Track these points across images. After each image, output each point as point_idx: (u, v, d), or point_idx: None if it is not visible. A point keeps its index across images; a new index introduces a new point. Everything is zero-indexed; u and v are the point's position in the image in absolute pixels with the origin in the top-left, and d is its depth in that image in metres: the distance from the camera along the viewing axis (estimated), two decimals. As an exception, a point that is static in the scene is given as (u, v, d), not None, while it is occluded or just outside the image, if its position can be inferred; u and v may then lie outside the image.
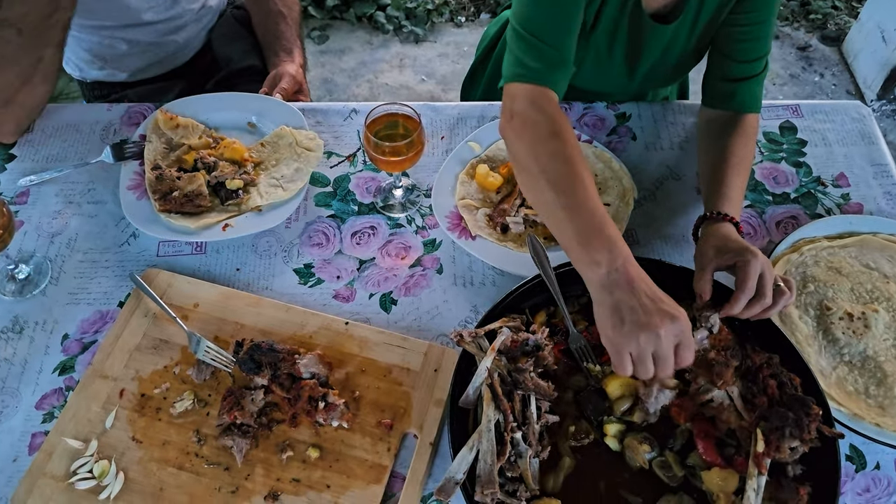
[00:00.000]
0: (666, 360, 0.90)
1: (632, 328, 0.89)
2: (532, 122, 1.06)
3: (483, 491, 0.91)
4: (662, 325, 0.88)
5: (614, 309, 0.91)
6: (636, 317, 0.89)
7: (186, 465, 1.03)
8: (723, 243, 1.07)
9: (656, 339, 0.89)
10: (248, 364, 1.07)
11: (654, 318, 0.88)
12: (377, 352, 1.13)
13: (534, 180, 1.04)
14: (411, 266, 1.26)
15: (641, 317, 0.89)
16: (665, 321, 0.89)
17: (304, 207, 1.33)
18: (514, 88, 1.11)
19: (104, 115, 1.47)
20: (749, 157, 1.23)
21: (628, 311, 0.90)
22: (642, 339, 0.89)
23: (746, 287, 1.00)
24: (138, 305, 1.19)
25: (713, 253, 1.06)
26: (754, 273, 1.00)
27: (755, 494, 0.91)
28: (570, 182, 0.99)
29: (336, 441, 1.05)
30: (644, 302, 0.90)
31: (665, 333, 0.89)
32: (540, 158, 1.02)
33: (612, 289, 0.92)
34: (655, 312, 0.89)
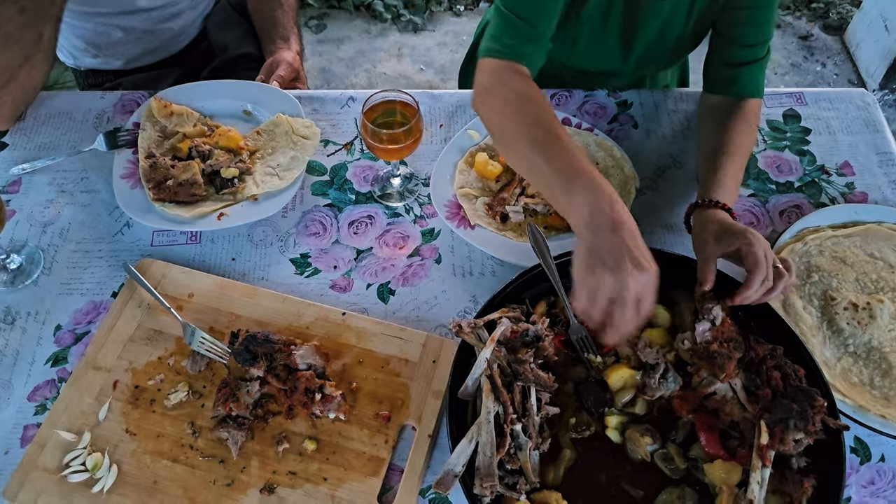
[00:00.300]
0: (624, 306, 0.88)
1: (601, 269, 0.88)
2: (499, 93, 1.09)
3: (482, 484, 0.89)
4: (631, 273, 0.87)
5: (591, 249, 0.90)
6: (609, 259, 0.88)
7: (181, 458, 1.02)
8: (721, 229, 1.05)
9: (621, 286, 0.87)
10: (244, 355, 1.06)
11: (624, 265, 0.87)
12: (375, 343, 1.11)
13: (510, 143, 1.07)
14: (409, 256, 1.24)
15: (613, 260, 0.87)
16: (635, 271, 0.87)
17: (301, 196, 1.31)
18: (484, 63, 1.14)
19: (97, 102, 1.45)
20: (748, 143, 1.21)
21: (604, 253, 0.88)
22: (607, 280, 0.87)
23: (759, 268, 0.98)
24: (132, 296, 1.17)
25: (713, 240, 1.05)
26: (762, 254, 0.99)
27: (759, 487, 0.89)
28: (544, 137, 1.01)
29: (333, 433, 1.03)
30: (620, 247, 0.88)
31: (632, 282, 0.87)
32: (511, 122, 1.05)
33: (595, 230, 0.90)
34: (628, 260, 0.87)
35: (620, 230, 0.89)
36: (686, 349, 1.01)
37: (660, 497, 0.97)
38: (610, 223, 0.89)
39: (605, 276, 0.87)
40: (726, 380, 0.97)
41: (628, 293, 0.87)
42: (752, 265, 0.99)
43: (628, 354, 1.06)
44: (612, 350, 1.07)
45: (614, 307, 0.89)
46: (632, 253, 0.88)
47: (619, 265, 0.87)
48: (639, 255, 0.88)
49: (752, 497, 0.89)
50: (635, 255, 0.88)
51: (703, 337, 1.00)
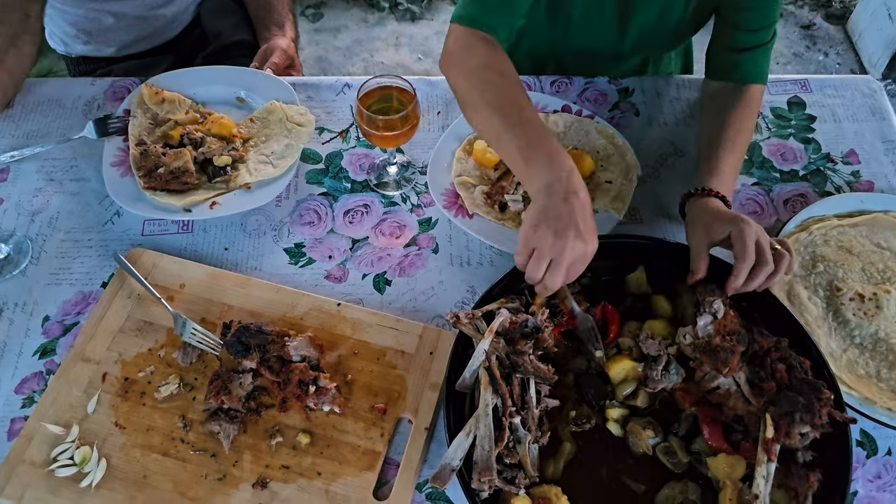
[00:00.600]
0: (558, 267, 0.92)
1: (546, 230, 0.92)
2: (465, 60, 1.10)
3: (480, 478, 0.87)
4: (573, 241, 0.91)
5: (542, 210, 0.93)
6: (556, 224, 0.92)
7: (171, 452, 0.99)
8: (711, 218, 1.03)
9: (560, 249, 0.91)
10: (236, 346, 1.03)
11: (569, 232, 0.91)
12: (370, 334, 1.09)
13: (473, 108, 1.07)
14: (406, 245, 1.21)
15: (559, 225, 0.91)
16: (577, 240, 0.91)
17: (295, 185, 1.28)
18: (454, 28, 1.14)
19: (87, 89, 1.42)
20: (747, 131, 1.18)
21: (552, 217, 0.92)
22: (549, 242, 0.92)
23: (746, 255, 0.97)
24: (122, 286, 1.14)
25: (703, 229, 1.03)
26: (750, 239, 0.97)
27: (764, 482, 0.87)
28: (507, 104, 1.02)
29: (327, 426, 1.01)
30: (570, 215, 0.92)
31: (570, 247, 0.91)
32: (476, 90, 1.06)
33: (549, 195, 0.94)
34: (572, 228, 0.91)
35: (572, 200, 0.93)
36: (688, 344, 0.98)
37: (662, 492, 0.95)
38: (563, 192, 0.93)
39: (549, 238, 0.91)
40: (729, 374, 0.95)
41: (563, 258, 0.91)
42: (739, 252, 0.98)
43: (630, 346, 1.04)
44: (614, 342, 1.05)
45: (549, 267, 0.93)
46: (577, 223, 0.92)
47: (564, 231, 0.91)
48: (584, 227, 0.92)
49: (758, 492, 0.86)
50: (580, 226, 0.92)
51: (705, 331, 0.98)
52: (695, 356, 0.98)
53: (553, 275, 0.93)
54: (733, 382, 0.95)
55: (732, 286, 0.99)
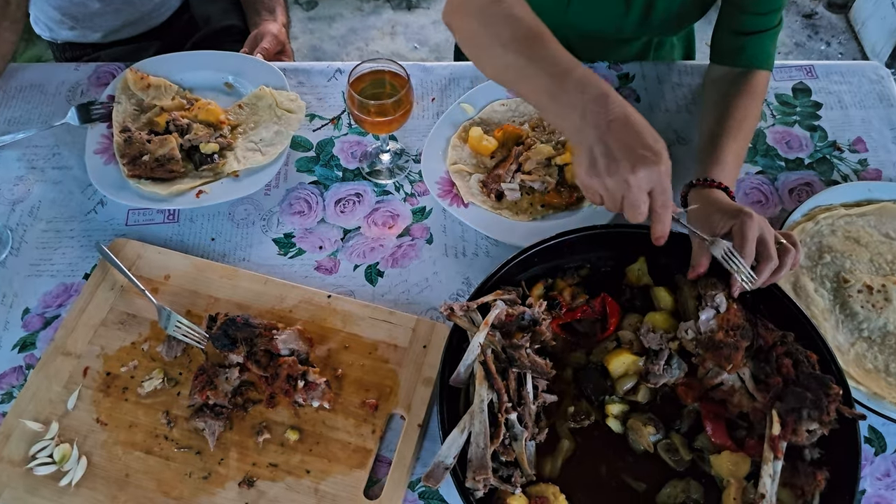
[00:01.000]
0: (635, 206, 0.84)
1: (601, 173, 0.84)
2: (474, 1, 0.98)
3: (475, 476, 0.84)
4: (633, 171, 0.82)
5: (587, 152, 0.85)
6: (606, 162, 0.83)
7: (155, 449, 0.96)
8: (712, 210, 0.99)
9: (625, 186, 0.83)
10: (222, 340, 0.99)
11: (623, 164, 0.82)
12: (362, 327, 1.05)
13: (488, 51, 0.96)
14: (399, 236, 1.17)
15: (611, 163, 0.82)
16: (637, 167, 0.81)
17: (285, 173, 1.24)
18: None
19: (71, 74, 1.37)
20: (752, 118, 1.14)
21: (600, 156, 0.83)
22: (610, 184, 0.84)
23: (745, 252, 0.93)
24: (104, 277, 1.10)
25: (704, 222, 0.99)
26: (752, 235, 0.93)
27: (771, 481, 0.84)
28: (525, 38, 0.92)
29: (317, 423, 0.98)
30: (616, 145, 0.82)
31: (635, 181, 0.82)
32: (488, 27, 0.95)
33: (587, 130, 0.84)
34: (627, 158, 0.82)
35: (614, 126, 0.83)
36: (690, 339, 0.95)
37: (663, 490, 0.92)
38: (603, 121, 0.83)
39: (608, 181, 0.84)
40: (733, 371, 0.91)
41: (636, 195, 0.83)
42: (739, 249, 0.93)
43: (630, 339, 1.00)
44: (614, 335, 1.02)
45: (625, 210, 0.85)
46: (631, 149, 0.82)
47: (619, 167, 0.82)
48: (640, 149, 0.82)
49: (764, 491, 0.83)
50: (637, 151, 0.82)
51: (708, 326, 0.94)
52: (697, 352, 0.94)
53: (633, 215, 0.85)
54: (737, 378, 0.92)
55: (736, 286, 0.95)
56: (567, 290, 1.05)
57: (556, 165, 1.19)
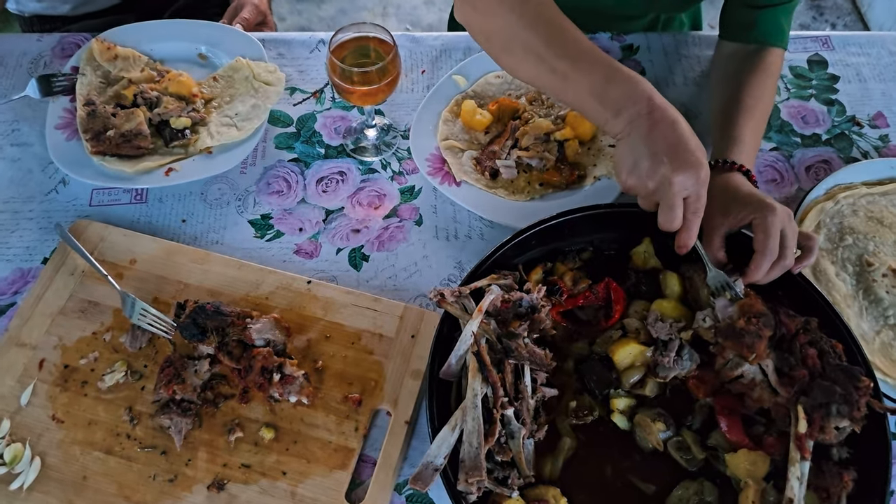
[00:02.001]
0: (672, 208, 0.82)
1: (642, 174, 0.83)
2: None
3: (468, 478, 0.77)
4: (675, 172, 0.80)
5: (630, 153, 0.84)
6: (649, 163, 0.82)
7: (116, 449, 0.87)
8: (732, 198, 0.92)
9: (666, 187, 0.81)
10: (191, 329, 0.91)
11: (666, 166, 0.80)
12: (344, 315, 0.97)
13: (522, 55, 0.90)
14: (386, 217, 1.09)
15: (654, 164, 0.81)
16: (680, 170, 0.80)
17: (263, 150, 1.16)
18: None
19: (33, 45, 1.28)
20: (768, 97, 1.07)
21: (643, 157, 0.82)
22: (651, 185, 0.83)
23: (768, 249, 0.86)
24: (64, 262, 1.01)
25: (721, 212, 0.91)
26: (775, 231, 0.86)
27: (799, 483, 0.76)
28: (559, 39, 0.88)
29: (294, 420, 0.89)
30: (661, 147, 0.81)
31: (676, 182, 0.80)
32: (521, 29, 0.89)
33: (632, 132, 0.83)
34: (670, 160, 0.80)
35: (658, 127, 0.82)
36: (707, 327, 0.87)
37: (674, 492, 0.84)
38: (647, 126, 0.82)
39: (649, 184, 0.83)
40: (756, 361, 0.83)
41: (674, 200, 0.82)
42: (760, 244, 0.86)
43: (637, 328, 0.92)
44: (619, 323, 0.93)
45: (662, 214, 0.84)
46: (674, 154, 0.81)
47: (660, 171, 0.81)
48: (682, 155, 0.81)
49: (792, 495, 0.75)
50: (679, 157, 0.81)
51: (727, 313, 0.86)
52: (716, 342, 0.86)
53: (668, 220, 0.83)
54: (759, 371, 0.84)
55: (749, 279, 0.88)
56: (568, 275, 0.97)
57: (556, 141, 1.11)
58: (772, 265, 0.87)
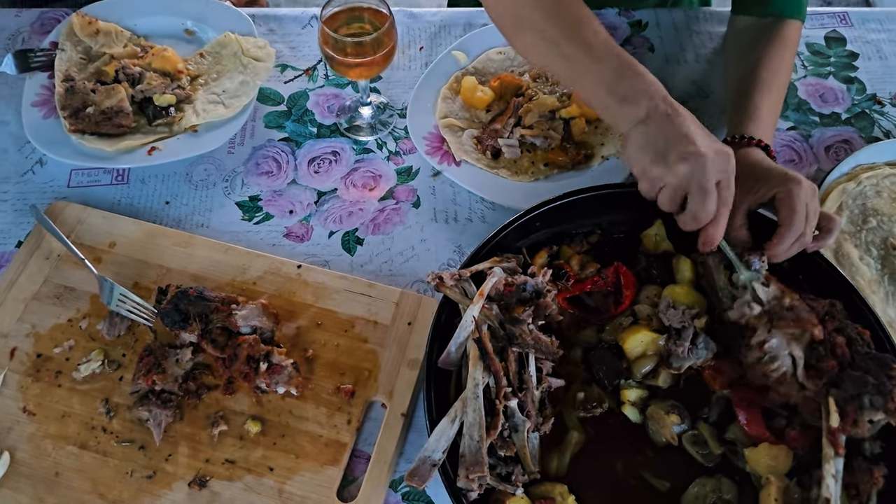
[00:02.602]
0: (706, 192, 0.76)
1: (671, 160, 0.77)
2: None
3: (468, 474, 0.72)
4: (708, 153, 0.76)
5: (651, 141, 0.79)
6: (679, 146, 0.76)
7: (90, 444, 0.82)
8: (752, 173, 0.86)
9: (701, 173, 0.76)
10: (173, 316, 0.85)
11: (696, 147, 0.76)
12: (337, 301, 0.91)
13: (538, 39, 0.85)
14: (381, 199, 1.03)
15: (685, 146, 0.76)
16: (710, 151, 0.76)
17: (252, 129, 1.10)
18: None
19: (11, 21, 1.22)
20: (786, 71, 1.01)
21: (674, 141, 0.77)
22: (682, 170, 0.76)
23: (794, 223, 0.81)
24: (39, 245, 0.96)
25: (742, 188, 0.84)
26: (801, 206, 0.81)
27: (835, 482, 0.70)
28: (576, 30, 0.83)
29: (282, 412, 0.84)
30: (691, 131, 0.77)
31: (711, 164, 0.76)
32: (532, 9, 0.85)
33: (652, 120, 0.79)
34: (701, 142, 0.76)
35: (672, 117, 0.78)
36: (757, 315, 0.80)
37: (690, 490, 0.79)
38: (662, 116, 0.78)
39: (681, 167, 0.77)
40: (820, 335, 0.77)
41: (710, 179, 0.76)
42: (785, 218, 0.81)
43: (649, 314, 0.86)
44: (629, 309, 0.88)
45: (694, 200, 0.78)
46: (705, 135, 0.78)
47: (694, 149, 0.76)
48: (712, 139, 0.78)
49: (829, 495, 0.70)
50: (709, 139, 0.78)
51: (770, 294, 0.80)
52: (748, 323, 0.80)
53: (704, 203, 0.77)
54: (791, 364, 0.77)
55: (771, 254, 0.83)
56: (575, 259, 0.91)
57: (561, 119, 1.05)
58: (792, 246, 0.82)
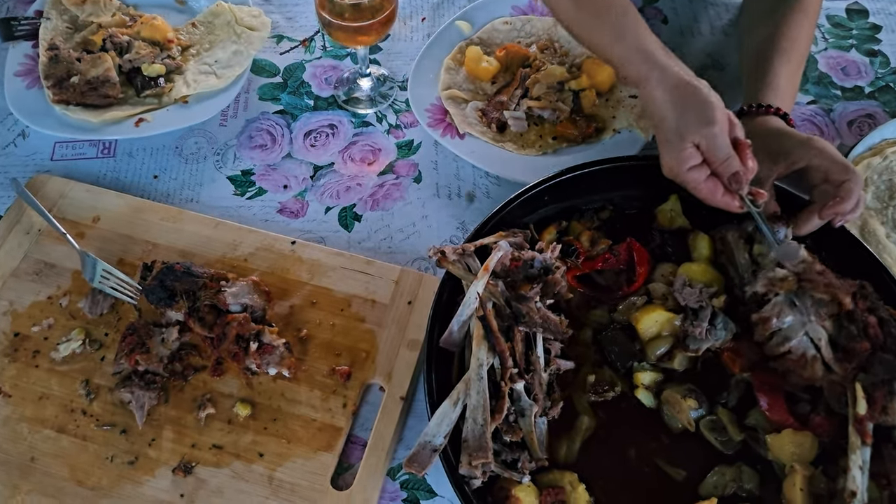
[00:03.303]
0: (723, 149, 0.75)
1: (704, 114, 0.75)
2: None
3: (471, 460, 0.68)
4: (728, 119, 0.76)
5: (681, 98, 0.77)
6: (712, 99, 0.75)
7: (69, 427, 0.77)
8: (777, 142, 0.81)
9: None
10: (158, 293, 0.81)
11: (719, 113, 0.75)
12: (333, 279, 0.86)
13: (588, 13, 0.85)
14: (381, 173, 0.98)
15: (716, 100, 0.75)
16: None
17: (245, 101, 1.05)
18: None
19: (-5, -10, 1.16)
20: (805, 39, 0.95)
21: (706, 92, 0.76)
22: (720, 122, 0.74)
23: (849, 168, 0.77)
24: (19, 220, 0.91)
25: (766, 157, 0.80)
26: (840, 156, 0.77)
27: (861, 473, 0.65)
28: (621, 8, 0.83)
29: (273, 395, 0.79)
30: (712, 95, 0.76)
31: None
32: None
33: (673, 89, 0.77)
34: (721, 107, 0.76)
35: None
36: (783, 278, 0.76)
37: (708, 479, 0.74)
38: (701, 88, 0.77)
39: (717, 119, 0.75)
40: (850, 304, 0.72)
41: None
42: (839, 171, 0.76)
43: (664, 293, 0.82)
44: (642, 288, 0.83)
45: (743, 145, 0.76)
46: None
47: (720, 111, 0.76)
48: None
49: (855, 487, 0.65)
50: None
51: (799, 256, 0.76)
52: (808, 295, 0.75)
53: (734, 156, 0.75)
54: (810, 345, 0.72)
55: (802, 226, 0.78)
56: (585, 235, 0.86)
57: (571, 90, 1.00)
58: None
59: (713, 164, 0.76)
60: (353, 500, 0.73)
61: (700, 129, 0.75)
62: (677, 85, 0.77)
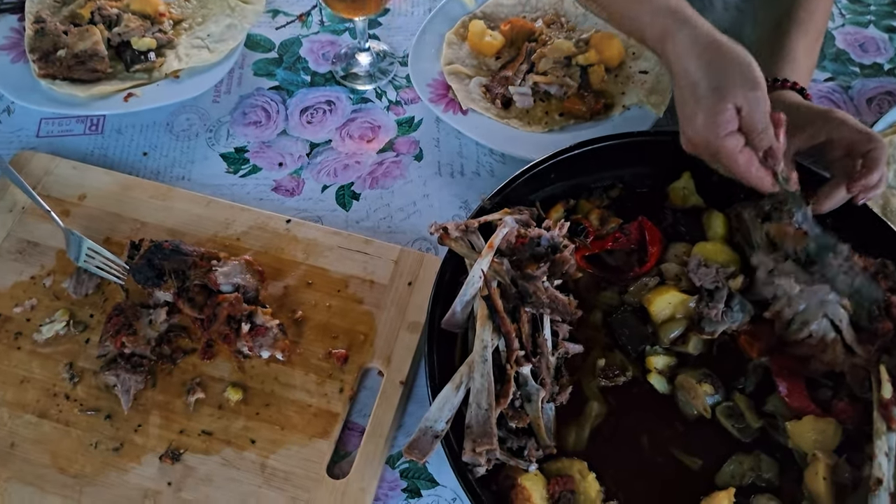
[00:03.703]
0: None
1: (748, 75, 0.69)
2: None
3: (475, 447, 0.64)
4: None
5: (718, 57, 0.70)
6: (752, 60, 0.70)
7: (52, 412, 0.74)
8: (795, 116, 0.77)
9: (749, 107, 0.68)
10: (146, 272, 0.77)
11: (761, 76, 0.69)
12: (329, 259, 0.83)
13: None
14: (380, 151, 0.95)
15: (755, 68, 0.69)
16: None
17: (239, 77, 1.01)
18: None
19: (-19, -37, 1.12)
20: (823, 12, 0.92)
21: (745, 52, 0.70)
22: (763, 86, 0.69)
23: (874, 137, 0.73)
24: (2, 197, 0.89)
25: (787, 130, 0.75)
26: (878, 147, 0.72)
27: (887, 460, 0.62)
28: None
29: (267, 379, 0.75)
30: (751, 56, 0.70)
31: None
32: None
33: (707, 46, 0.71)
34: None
35: None
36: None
37: (725, 468, 0.71)
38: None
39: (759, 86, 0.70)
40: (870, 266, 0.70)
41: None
42: (862, 142, 0.72)
43: (677, 273, 0.78)
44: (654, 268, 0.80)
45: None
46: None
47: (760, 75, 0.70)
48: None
49: (881, 475, 0.62)
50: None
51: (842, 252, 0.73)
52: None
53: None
54: (831, 328, 0.68)
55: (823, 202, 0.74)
56: (594, 214, 0.83)
57: (578, 66, 0.96)
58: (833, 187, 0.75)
59: (751, 132, 0.70)
60: (350, 489, 0.69)
61: (745, 90, 0.68)
62: (712, 42, 0.71)
